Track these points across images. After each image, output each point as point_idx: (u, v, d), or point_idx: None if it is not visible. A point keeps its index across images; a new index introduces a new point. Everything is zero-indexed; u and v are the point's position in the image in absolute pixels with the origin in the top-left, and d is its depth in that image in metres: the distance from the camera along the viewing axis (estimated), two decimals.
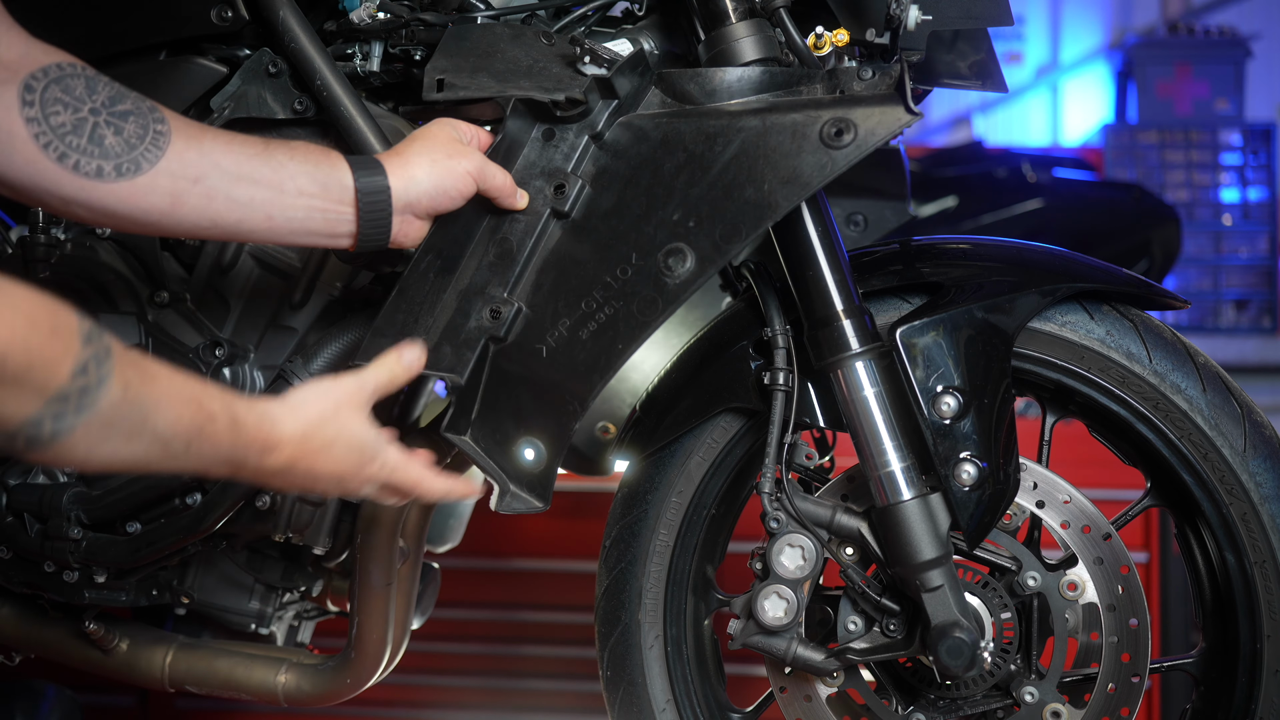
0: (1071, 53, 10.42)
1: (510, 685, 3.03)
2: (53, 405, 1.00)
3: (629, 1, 1.62)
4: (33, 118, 1.23)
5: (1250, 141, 6.75)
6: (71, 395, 1.01)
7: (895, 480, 1.47)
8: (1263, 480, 1.51)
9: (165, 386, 1.10)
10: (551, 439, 1.45)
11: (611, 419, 1.83)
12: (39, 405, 1.00)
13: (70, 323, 1.01)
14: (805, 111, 1.41)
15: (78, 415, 1.02)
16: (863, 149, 1.39)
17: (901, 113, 1.40)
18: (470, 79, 1.48)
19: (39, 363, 0.98)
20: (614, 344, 1.44)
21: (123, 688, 2.78)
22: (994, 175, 4.32)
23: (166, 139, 1.29)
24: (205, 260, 1.66)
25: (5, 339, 0.95)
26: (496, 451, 1.45)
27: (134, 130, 1.27)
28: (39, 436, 1.01)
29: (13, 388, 0.97)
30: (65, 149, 1.25)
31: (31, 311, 0.98)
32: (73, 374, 1.00)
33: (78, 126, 1.25)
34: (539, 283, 1.45)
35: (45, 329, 0.98)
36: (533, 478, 1.45)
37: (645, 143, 1.44)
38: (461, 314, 1.44)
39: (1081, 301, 1.55)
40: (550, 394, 1.45)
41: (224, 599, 1.76)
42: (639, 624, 1.65)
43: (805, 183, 1.40)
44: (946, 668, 1.47)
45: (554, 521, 3.00)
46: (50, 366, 0.99)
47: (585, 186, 1.45)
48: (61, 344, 0.99)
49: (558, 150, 1.45)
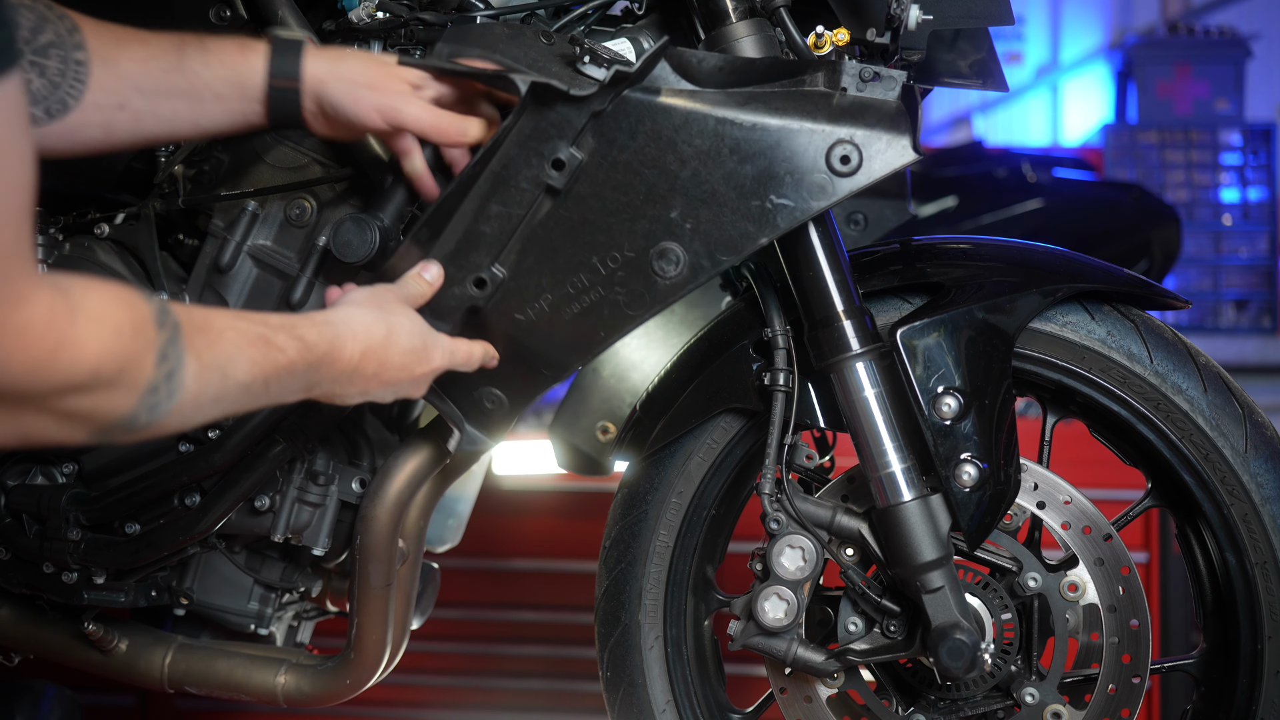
0: (1071, 53, 10.42)
1: (510, 685, 3.03)
2: (147, 398, 1.03)
3: (629, 1, 1.62)
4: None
5: (1250, 141, 6.76)
6: (160, 384, 1.03)
7: (896, 481, 1.47)
8: (1264, 481, 1.50)
9: (233, 337, 1.12)
10: (515, 394, 1.50)
11: (611, 419, 1.83)
12: (134, 400, 1.02)
13: (145, 313, 1.02)
14: (818, 124, 1.39)
15: (171, 399, 1.05)
16: (865, 180, 1.39)
17: (907, 149, 1.39)
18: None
19: (128, 364, 1.00)
20: (596, 330, 1.46)
21: (122, 688, 2.79)
22: (994, 175, 4.32)
23: (86, 69, 1.31)
24: (204, 260, 1.66)
25: (95, 354, 0.97)
26: (456, 392, 1.50)
27: (56, 67, 1.29)
28: (136, 425, 1.04)
29: (108, 391, 1.00)
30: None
31: (114, 316, 0.99)
32: (156, 364, 1.03)
33: None
34: (525, 254, 1.45)
35: (128, 330, 1.00)
36: (490, 422, 1.50)
37: (648, 124, 1.41)
38: (448, 279, 1.46)
39: (1082, 302, 1.54)
40: (523, 358, 1.47)
41: (223, 599, 1.76)
42: (639, 625, 1.64)
43: (805, 207, 1.40)
44: (947, 669, 1.46)
45: (554, 521, 3.01)
46: (138, 365, 1.01)
47: (583, 165, 1.43)
48: (143, 339, 1.01)
49: (557, 124, 1.42)
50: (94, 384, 0.98)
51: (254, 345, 1.15)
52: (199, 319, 1.09)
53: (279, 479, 1.67)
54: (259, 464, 1.62)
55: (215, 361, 1.09)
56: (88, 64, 1.32)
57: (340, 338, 1.28)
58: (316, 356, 1.24)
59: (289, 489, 1.67)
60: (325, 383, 1.28)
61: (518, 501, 2.99)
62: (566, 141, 1.41)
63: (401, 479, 1.62)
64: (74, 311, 0.96)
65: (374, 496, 1.62)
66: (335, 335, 1.28)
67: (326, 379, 1.27)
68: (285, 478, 1.67)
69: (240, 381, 1.12)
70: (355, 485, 1.68)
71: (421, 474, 1.63)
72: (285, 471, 1.66)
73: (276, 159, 1.63)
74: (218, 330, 1.11)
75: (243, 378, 1.13)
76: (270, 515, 1.67)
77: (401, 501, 1.62)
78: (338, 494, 1.68)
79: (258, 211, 1.64)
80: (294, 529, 1.68)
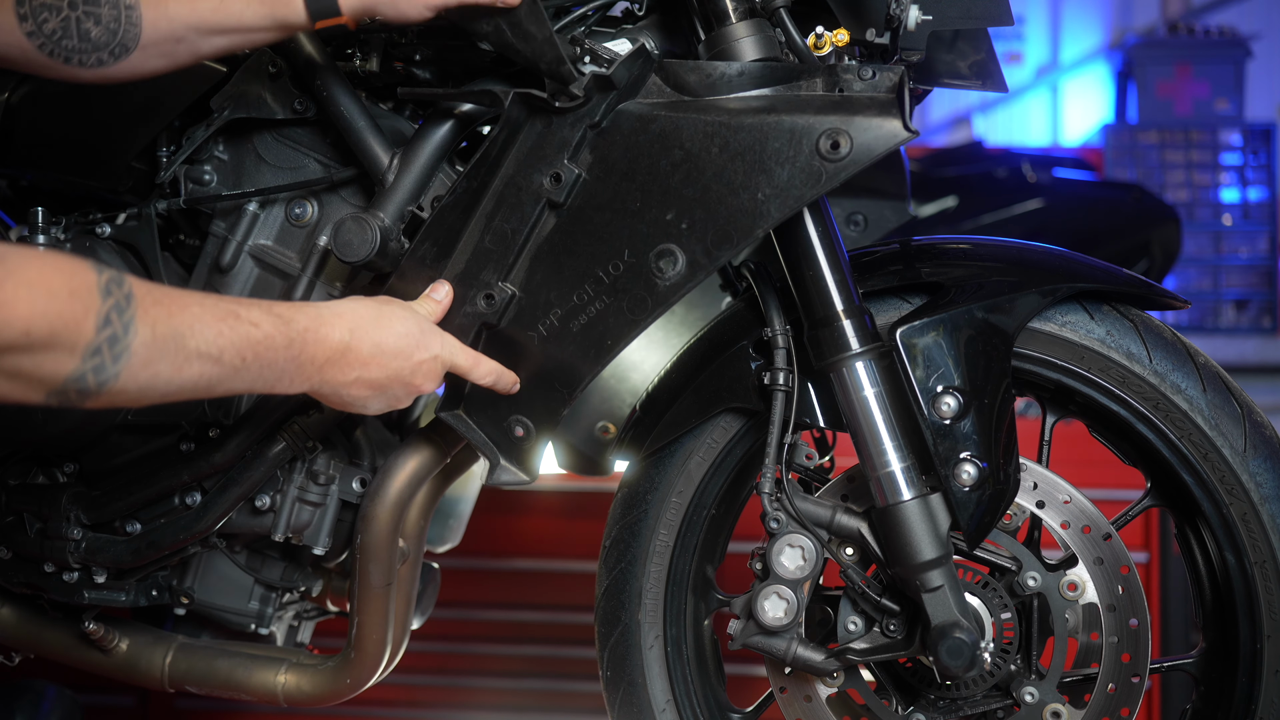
0: (1071, 53, 10.43)
1: (510, 685, 3.03)
2: (89, 360, 1.08)
3: (629, 1, 1.62)
4: (31, 31, 1.41)
5: (1250, 141, 6.75)
6: (103, 347, 1.09)
7: (895, 480, 1.47)
8: (1263, 480, 1.51)
9: (197, 310, 1.18)
10: (540, 419, 1.51)
11: (611, 419, 1.83)
12: (76, 362, 1.08)
13: (87, 280, 1.08)
14: (804, 117, 1.40)
15: (116, 363, 1.10)
16: (857, 164, 1.39)
17: (899, 129, 1.39)
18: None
19: (62, 326, 1.06)
20: (603, 339, 1.47)
21: (123, 688, 2.78)
22: (994, 175, 4.32)
23: (136, 12, 1.43)
24: (205, 260, 1.66)
25: (25, 315, 1.03)
26: (488, 426, 1.52)
27: (109, 14, 1.42)
28: (86, 388, 1.10)
29: (45, 352, 1.06)
30: (67, 52, 1.42)
31: (47, 281, 1.05)
32: (98, 328, 1.08)
33: (65, 27, 1.41)
34: (533, 270, 1.47)
35: (63, 294, 1.06)
36: (522, 453, 1.52)
37: (643, 135, 1.44)
38: (457, 299, 1.48)
39: (1082, 301, 1.54)
40: (540, 378, 1.49)
41: (224, 599, 1.76)
42: (639, 624, 1.64)
43: (798, 195, 1.40)
44: (946, 668, 1.47)
45: (554, 521, 3.01)
46: (74, 327, 1.07)
47: (581, 177, 1.45)
48: (81, 304, 1.07)
49: (555, 139, 1.45)
50: (28, 344, 1.04)
51: (221, 320, 1.20)
52: (164, 294, 1.15)
53: (279, 478, 1.67)
54: (260, 463, 1.62)
55: (173, 330, 1.14)
56: (137, 7, 1.43)
57: (322, 316, 1.32)
58: (296, 331, 1.27)
59: (289, 488, 1.67)
60: (317, 368, 1.31)
61: (518, 501, 2.99)
62: (564, 155, 1.44)
63: (402, 479, 1.62)
64: (7, 275, 1.02)
65: (374, 496, 1.62)
66: (317, 314, 1.32)
67: (317, 362, 1.30)
68: (286, 477, 1.67)
69: (204, 350, 1.17)
70: (356, 485, 1.69)
71: (422, 474, 1.63)
72: (286, 471, 1.67)
73: (277, 159, 1.64)
74: (182, 304, 1.17)
75: (207, 347, 1.17)
76: (271, 514, 1.67)
77: (402, 501, 1.62)
78: (338, 493, 1.69)
79: (259, 211, 1.64)
80: (294, 528, 1.68)
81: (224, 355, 1.19)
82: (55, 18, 1.41)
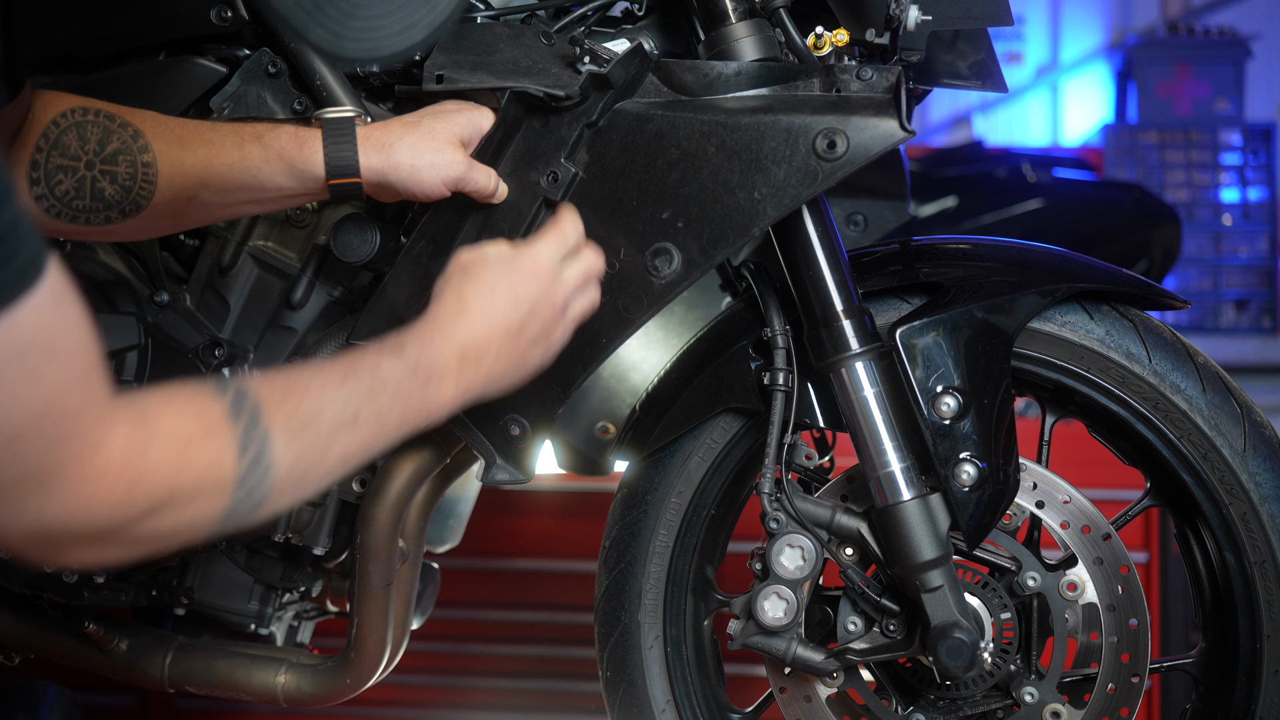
0: (1071, 53, 10.43)
1: (510, 685, 3.03)
2: (239, 492, 0.99)
3: (629, 1, 1.62)
4: (41, 195, 1.38)
5: (1250, 141, 6.75)
6: (248, 476, 0.99)
7: (895, 480, 1.47)
8: (1262, 480, 1.51)
9: (318, 388, 1.07)
10: (536, 418, 1.52)
11: (611, 419, 1.83)
12: (226, 500, 0.99)
13: (214, 410, 0.98)
14: (801, 116, 1.40)
15: (264, 482, 1.01)
16: (853, 164, 1.39)
17: (895, 128, 1.39)
18: (470, 75, 1.48)
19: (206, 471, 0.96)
20: (598, 337, 1.47)
21: (123, 688, 2.78)
22: (994, 175, 4.32)
23: (153, 169, 1.39)
24: (205, 260, 1.66)
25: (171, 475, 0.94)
26: (484, 425, 1.52)
27: (125, 172, 1.39)
28: (242, 515, 1.01)
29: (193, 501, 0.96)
30: (75, 212, 1.39)
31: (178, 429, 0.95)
32: (238, 458, 0.98)
33: (80, 188, 1.38)
34: None
35: (197, 438, 0.96)
36: (518, 452, 1.53)
37: (640, 134, 1.44)
38: None
39: (1081, 302, 1.54)
40: (536, 378, 1.46)
41: (224, 599, 1.76)
42: (639, 624, 1.64)
43: (795, 194, 1.40)
44: (946, 668, 1.47)
45: (554, 521, 3.01)
46: (217, 468, 0.97)
47: (578, 176, 1.45)
48: (218, 441, 0.97)
49: (552, 138, 1.45)
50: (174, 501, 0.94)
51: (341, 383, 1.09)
52: (278, 386, 1.05)
53: None
54: None
55: (303, 422, 1.04)
56: (154, 164, 1.39)
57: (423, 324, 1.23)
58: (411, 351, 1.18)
59: None
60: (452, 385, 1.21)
61: (518, 501, 2.99)
62: (561, 154, 1.44)
63: (402, 479, 1.62)
64: (150, 439, 0.93)
65: (374, 496, 1.62)
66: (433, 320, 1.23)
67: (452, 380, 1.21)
68: None
69: (341, 421, 1.07)
70: (355, 485, 1.69)
71: (421, 474, 1.63)
72: None
73: None
74: (300, 387, 1.06)
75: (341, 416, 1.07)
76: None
77: (402, 501, 1.62)
78: (338, 493, 1.69)
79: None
80: (294, 528, 1.68)
81: (361, 416, 1.09)
82: (70, 178, 1.37)
